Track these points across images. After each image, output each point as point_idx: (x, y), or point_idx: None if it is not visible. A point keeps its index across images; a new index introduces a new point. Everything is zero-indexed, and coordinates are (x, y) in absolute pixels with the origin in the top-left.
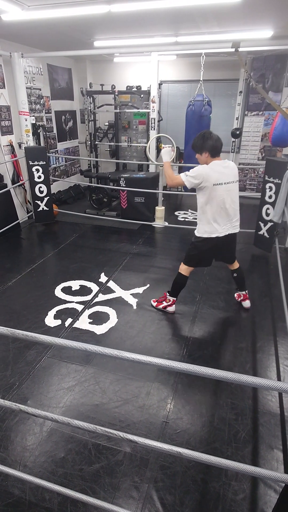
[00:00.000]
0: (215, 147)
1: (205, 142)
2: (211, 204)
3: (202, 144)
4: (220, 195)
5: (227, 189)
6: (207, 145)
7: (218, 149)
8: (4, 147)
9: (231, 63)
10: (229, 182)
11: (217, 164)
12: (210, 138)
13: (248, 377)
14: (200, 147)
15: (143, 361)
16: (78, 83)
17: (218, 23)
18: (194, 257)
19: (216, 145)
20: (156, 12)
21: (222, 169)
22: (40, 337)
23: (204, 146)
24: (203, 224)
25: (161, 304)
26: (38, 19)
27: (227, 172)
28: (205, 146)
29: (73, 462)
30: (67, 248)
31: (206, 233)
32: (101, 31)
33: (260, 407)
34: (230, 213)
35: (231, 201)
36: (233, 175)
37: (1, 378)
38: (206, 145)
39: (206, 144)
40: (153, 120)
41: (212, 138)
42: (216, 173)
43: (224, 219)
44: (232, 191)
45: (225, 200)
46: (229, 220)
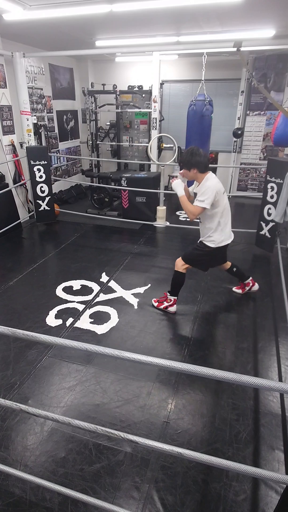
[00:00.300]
0: (204, 163)
1: (193, 159)
2: (223, 212)
3: (190, 161)
4: (227, 203)
5: (226, 198)
6: (197, 162)
7: (206, 165)
8: (5, 147)
9: (233, 62)
10: (224, 191)
11: (213, 176)
12: (198, 155)
13: (249, 378)
14: (188, 163)
15: (144, 361)
16: (80, 82)
17: (220, 22)
18: (201, 261)
19: (204, 161)
20: (158, 11)
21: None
22: (41, 337)
23: (193, 162)
24: (219, 235)
25: (162, 304)
26: (40, 19)
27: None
28: (193, 162)
29: (74, 462)
30: (68, 248)
31: (223, 242)
32: (103, 31)
33: (262, 407)
34: (230, 221)
35: (229, 210)
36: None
37: (2, 377)
38: (195, 162)
39: (194, 161)
40: (155, 120)
41: (200, 155)
42: (219, 184)
43: (229, 225)
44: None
45: (227, 208)
46: (230, 225)
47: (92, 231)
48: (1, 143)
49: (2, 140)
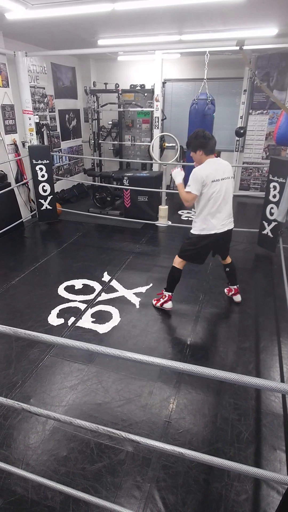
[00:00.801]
0: (209, 145)
1: (198, 141)
2: (210, 201)
3: (196, 143)
4: (218, 191)
5: (223, 185)
6: (201, 143)
7: (212, 147)
8: (8, 146)
9: (236, 61)
10: (224, 178)
11: (212, 162)
12: (204, 137)
13: (250, 378)
14: (194, 146)
15: (146, 361)
16: (82, 81)
17: (223, 21)
18: (190, 251)
19: (209, 143)
20: (160, 10)
21: (217, 165)
22: (43, 336)
23: (198, 144)
24: (201, 222)
25: (159, 302)
26: (42, 18)
27: (222, 168)
28: (199, 144)
29: (76, 461)
30: (70, 247)
31: (204, 230)
32: (105, 30)
33: (263, 407)
34: (227, 209)
35: (228, 197)
36: (228, 171)
37: (4, 376)
38: (200, 144)
39: (200, 143)
40: (157, 118)
41: (206, 137)
42: (212, 170)
43: (222, 214)
44: (228, 187)
45: (222, 196)
46: (227, 216)
47: (94, 230)
48: (4, 142)
49: (4, 139)
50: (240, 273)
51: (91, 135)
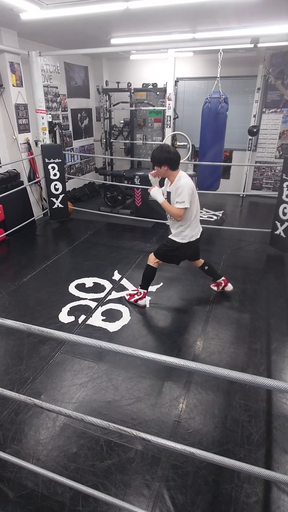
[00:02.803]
0: (174, 161)
1: (163, 155)
2: (196, 209)
3: (161, 158)
4: (196, 200)
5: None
6: (166, 158)
7: (177, 163)
8: (21, 145)
9: (249, 59)
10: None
11: (184, 174)
12: (168, 152)
13: (264, 379)
14: (159, 161)
15: (157, 360)
16: (94, 81)
17: (237, 18)
18: (172, 257)
19: (175, 158)
20: (174, 8)
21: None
22: (55, 333)
23: (164, 159)
24: (191, 230)
25: (133, 297)
26: (56, 18)
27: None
28: (164, 159)
29: (85, 457)
30: (81, 246)
31: (193, 237)
32: (118, 29)
33: (275, 409)
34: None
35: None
36: None
37: (16, 372)
38: (166, 159)
39: (165, 158)
40: (169, 117)
41: (170, 152)
42: (191, 181)
43: (198, 223)
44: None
45: (198, 204)
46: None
47: (105, 229)
48: (17, 142)
49: (17, 139)
50: (251, 273)
51: (103, 134)
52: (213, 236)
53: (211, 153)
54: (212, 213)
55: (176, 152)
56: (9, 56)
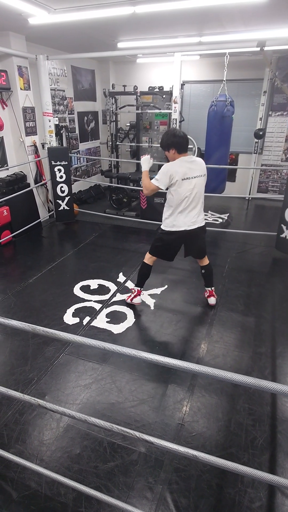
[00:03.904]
0: (181, 144)
1: (170, 139)
2: (180, 198)
3: (168, 141)
4: (188, 189)
5: (194, 183)
6: (173, 142)
7: (184, 146)
8: (28, 148)
9: (256, 62)
10: (196, 177)
11: (184, 160)
12: (176, 135)
13: (269, 383)
14: (166, 145)
15: (161, 362)
16: (101, 84)
17: (243, 22)
18: (159, 248)
19: (181, 141)
20: (181, 12)
21: (189, 164)
22: (60, 334)
23: (170, 143)
24: (171, 218)
25: (130, 297)
26: (64, 22)
27: (194, 167)
28: (171, 143)
29: (88, 459)
30: (86, 248)
31: (174, 226)
32: (125, 33)
33: (279, 414)
34: (197, 207)
35: (199, 195)
36: (200, 170)
37: (21, 372)
38: (172, 142)
39: (172, 141)
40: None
41: (177, 135)
42: (184, 168)
43: (193, 212)
44: (199, 185)
45: (192, 194)
46: (197, 213)
47: (110, 231)
48: (24, 144)
49: (25, 141)
50: (256, 276)
51: (109, 136)
52: (219, 239)
53: (217, 156)
54: (217, 216)
55: (184, 136)
56: (17, 60)
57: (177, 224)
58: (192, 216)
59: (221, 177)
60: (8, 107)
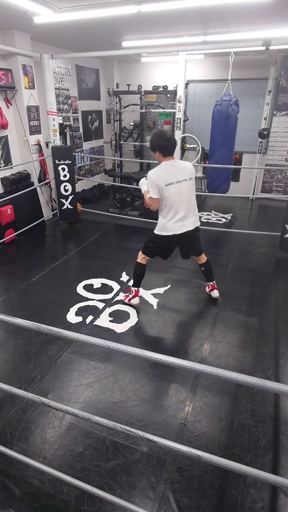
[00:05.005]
0: (165, 147)
1: (155, 142)
2: (166, 203)
3: (153, 144)
4: (172, 194)
5: (179, 187)
6: (157, 145)
7: (169, 149)
8: (32, 146)
9: (260, 61)
10: (180, 181)
11: (166, 164)
12: (161, 138)
13: (272, 383)
14: (152, 147)
15: (164, 361)
16: (105, 83)
17: (249, 20)
18: (151, 249)
19: (166, 145)
20: (186, 11)
21: (171, 168)
22: (64, 332)
23: (155, 145)
24: (161, 222)
25: (127, 297)
26: (69, 21)
27: (177, 171)
28: (155, 145)
29: (91, 457)
30: (89, 247)
31: (163, 231)
32: (130, 32)
33: (282, 415)
34: (185, 211)
35: (186, 200)
36: (185, 174)
37: (24, 371)
38: (157, 145)
39: (156, 144)
40: (179, 120)
41: (163, 138)
42: (166, 173)
43: (179, 217)
44: (185, 189)
45: (178, 198)
46: (185, 217)
47: (114, 230)
48: (28, 143)
49: (29, 140)
50: (260, 277)
51: (113, 136)
52: (222, 239)
53: (220, 155)
54: (221, 216)
55: (170, 138)
56: (22, 59)
57: (166, 229)
58: (181, 220)
59: (225, 177)
60: (13, 106)
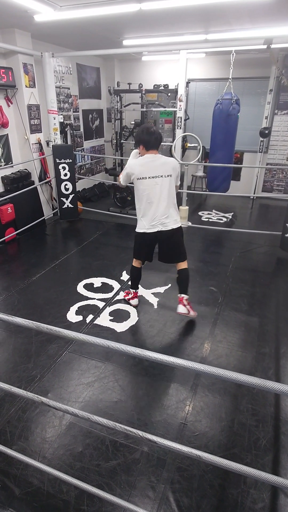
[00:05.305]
0: (147, 141)
1: (139, 136)
2: (139, 198)
3: (136, 138)
4: (144, 190)
5: (153, 183)
6: (140, 139)
7: (151, 143)
8: (32, 145)
9: (262, 60)
10: (155, 177)
11: (147, 157)
12: (145, 132)
13: (274, 384)
14: (137, 140)
15: (164, 361)
16: (106, 82)
17: (250, 19)
18: (135, 249)
19: (148, 139)
20: (187, 9)
21: (150, 163)
22: (64, 332)
23: (138, 140)
24: (141, 216)
25: (128, 296)
26: (69, 19)
27: (155, 166)
28: (139, 139)
29: (91, 457)
30: (90, 246)
31: (139, 228)
32: (131, 30)
33: (283, 415)
34: (158, 209)
35: (159, 197)
36: (163, 170)
37: (24, 370)
38: (140, 139)
39: (140, 138)
40: (180, 119)
41: (146, 132)
42: (142, 167)
43: (151, 215)
44: (159, 185)
45: (150, 195)
46: (157, 216)
47: (114, 229)
48: (29, 142)
49: (29, 139)
50: (260, 276)
51: (114, 135)
52: (223, 238)
53: (221, 154)
54: (221, 215)
55: (153, 133)
56: (22, 57)
57: (140, 226)
58: (151, 218)
59: (226, 176)
60: (13, 104)
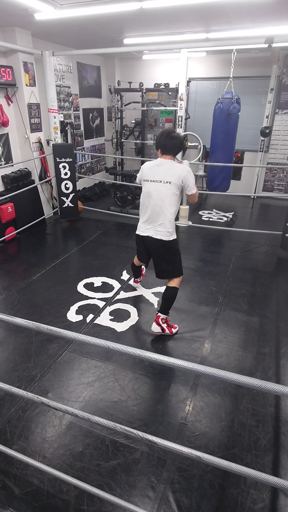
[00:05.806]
0: (164, 145)
1: (158, 139)
2: (141, 200)
3: (157, 140)
4: (145, 192)
5: (153, 187)
6: (159, 142)
7: (167, 148)
8: (33, 144)
9: (263, 59)
10: (155, 181)
11: (157, 161)
12: (164, 136)
13: (274, 385)
14: (156, 143)
15: (165, 362)
16: (107, 80)
17: (251, 18)
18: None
19: (165, 143)
20: (188, 7)
21: (156, 166)
22: (64, 332)
23: (158, 142)
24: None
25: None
26: (70, 18)
27: (158, 170)
28: (158, 142)
29: (91, 457)
30: (90, 245)
31: (137, 230)
32: (131, 28)
33: (283, 415)
34: (153, 214)
35: (156, 201)
36: (165, 176)
37: (24, 369)
38: (158, 142)
39: (158, 141)
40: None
41: (165, 136)
42: (149, 169)
43: (146, 217)
44: (157, 190)
45: (149, 198)
46: (151, 220)
47: (114, 228)
48: (29, 141)
49: (30, 138)
50: (261, 276)
51: (114, 134)
52: (223, 237)
53: (222, 153)
54: (222, 214)
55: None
56: (23, 56)
57: (137, 227)
58: (144, 221)
59: (226, 175)
60: (14, 103)
